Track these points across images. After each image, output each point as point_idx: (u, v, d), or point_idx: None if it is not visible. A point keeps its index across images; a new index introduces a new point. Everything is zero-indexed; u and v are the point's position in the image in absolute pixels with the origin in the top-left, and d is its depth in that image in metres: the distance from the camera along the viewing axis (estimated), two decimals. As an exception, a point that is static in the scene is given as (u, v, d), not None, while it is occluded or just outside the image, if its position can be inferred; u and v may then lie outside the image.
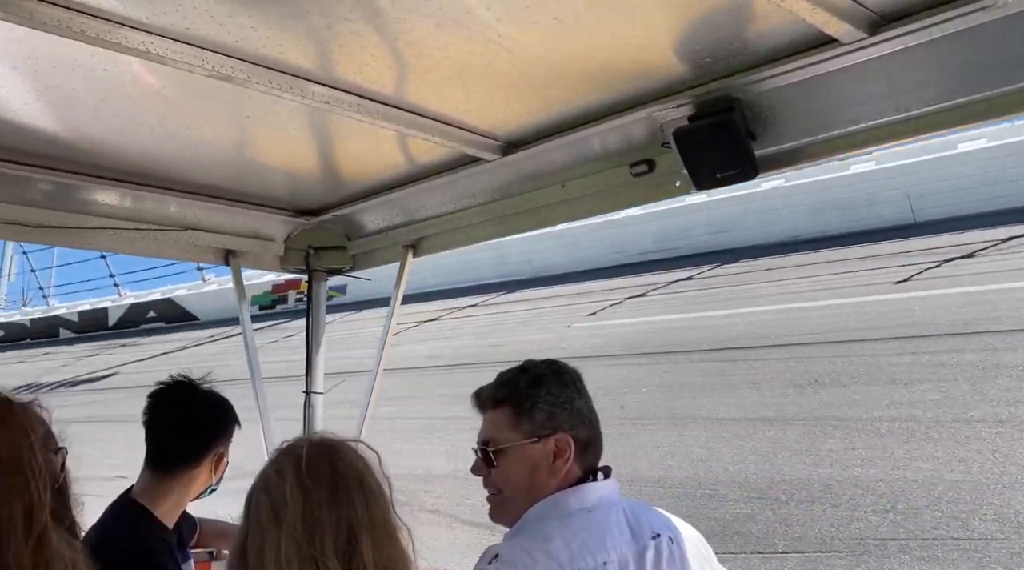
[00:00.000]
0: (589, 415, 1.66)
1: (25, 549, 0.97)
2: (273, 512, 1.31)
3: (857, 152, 1.88)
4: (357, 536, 1.30)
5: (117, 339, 26.96)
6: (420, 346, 14.61)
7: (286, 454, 1.39)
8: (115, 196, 2.55)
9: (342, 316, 19.46)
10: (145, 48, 1.57)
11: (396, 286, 3.07)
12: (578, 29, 1.63)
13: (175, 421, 2.17)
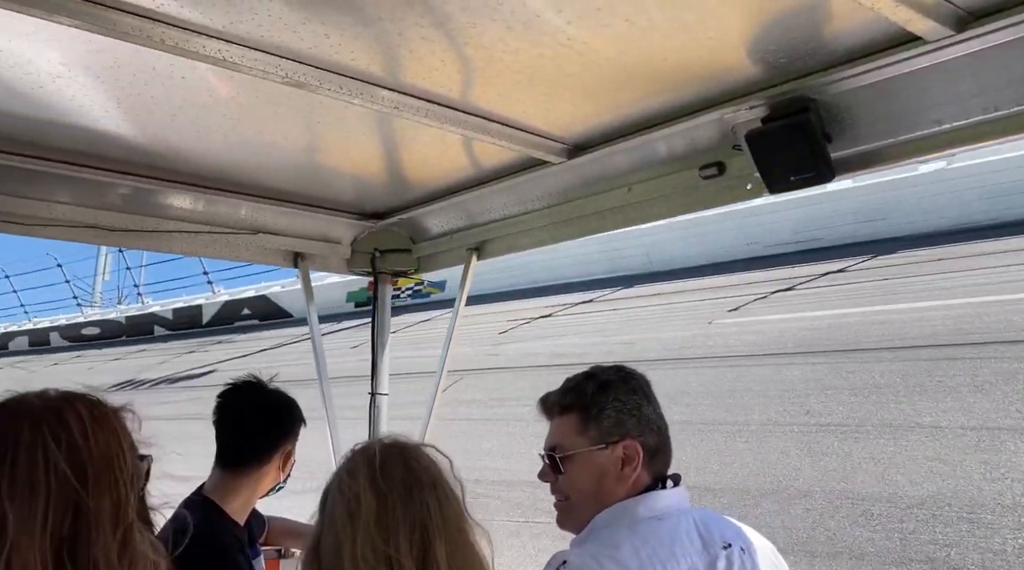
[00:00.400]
0: (657, 421, 1.64)
1: (112, 543, 1.00)
2: (347, 512, 1.32)
3: (940, 154, 1.81)
4: (431, 537, 1.31)
5: (212, 336, 26.81)
6: (538, 343, 13.83)
7: (360, 455, 1.41)
8: (190, 200, 2.61)
9: (442, 313, 19.21)
10: (221, 56, 1.60)
11: (460, 288, 3.08)
12: (650, 31, 1.60)
13: (244, 419, 2.23)
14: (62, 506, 0.99)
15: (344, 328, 19.60)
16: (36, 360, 30.39)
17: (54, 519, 0.97)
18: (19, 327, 36.69)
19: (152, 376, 20.64)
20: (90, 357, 28.32)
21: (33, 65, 1.68)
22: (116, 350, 28.61)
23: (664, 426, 1.65)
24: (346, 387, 12.75)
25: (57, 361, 28.77)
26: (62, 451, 1.01)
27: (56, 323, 34.98)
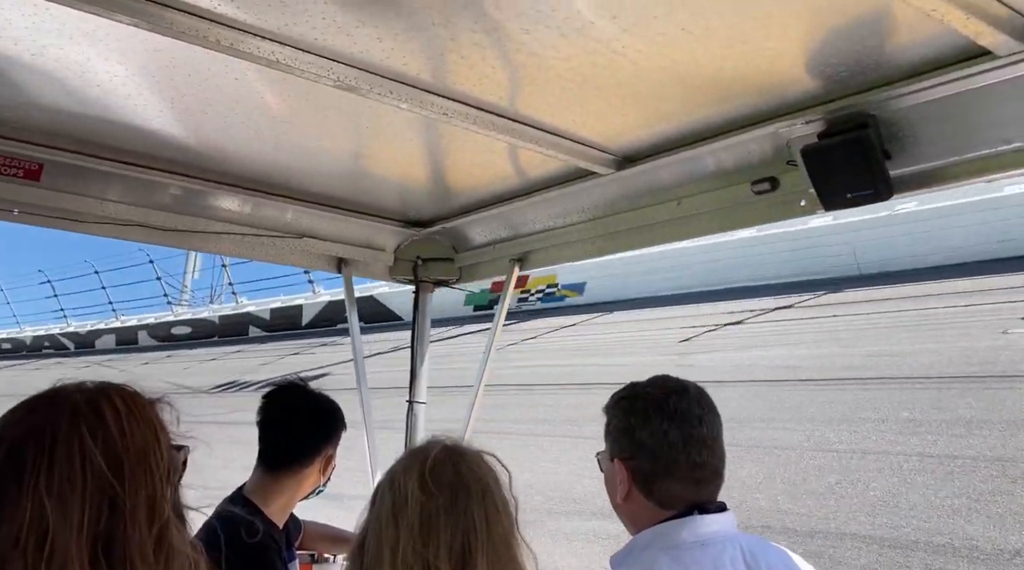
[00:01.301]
0: (657, 447, 1.53)
1: (148, 539, 0.99)
2: (394, 510, 1.31)
3: (1008, 174, 1.73)
4: (472, 548, 1.28)
5: (313, 338, 25.63)
6: (745, 354, 12.06)
7: (415, 454, 1.39)
8: (237, 202, 2.64)
9: (587, 318, 18.39)
10: (275, 58, 1.61)
11: (502, 299, 3.06)
12: (707, 39, 1.57)
13: (290, 421, 2.25)
14: (97, 501, 0.97)
15: (467, 332, 19.12)
16: (124, 359, 30.07)
17: (90, 515, 0.96)
18: (106, 325, 36.53)
19: (257, 378, 19.65)
20: (182, 357, 27.91)
21: (91, 63, 1.70)
22: (209, 350, 27.95)
23: (671, 453, 1.52)
24: (500, 396, 10.84)
25: (148, 360, 28.34)
26: (98, 445, 1.00)
27: (144, 321, 34.74)
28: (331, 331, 25.55)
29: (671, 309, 16.98)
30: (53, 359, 34.59)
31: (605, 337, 16.03)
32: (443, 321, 20.47)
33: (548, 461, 9.08)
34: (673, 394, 1.57)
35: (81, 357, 33.02)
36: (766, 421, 8.89)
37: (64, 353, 36.53)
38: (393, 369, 15.21)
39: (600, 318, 18.37)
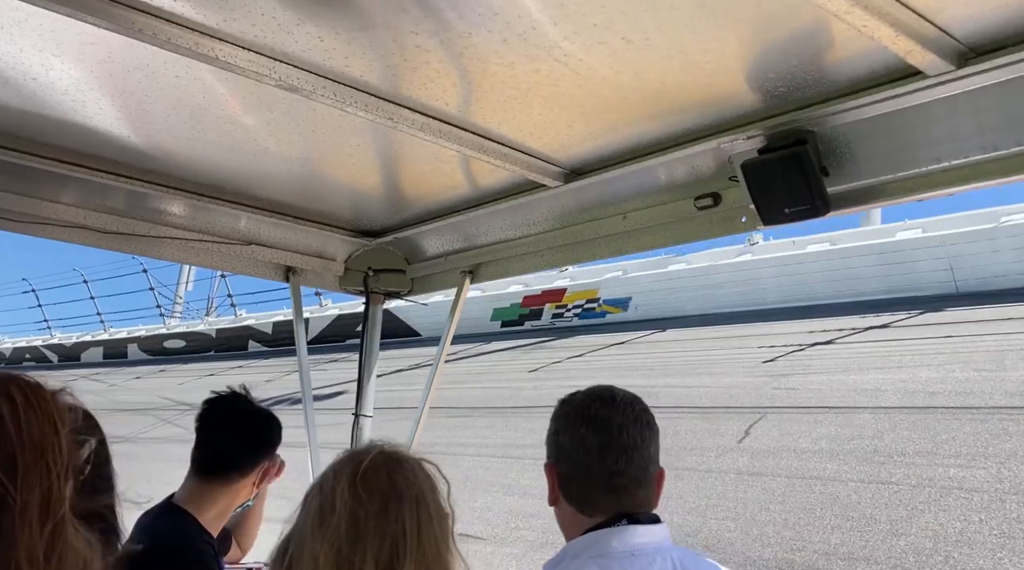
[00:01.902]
0: (574, 452, 1.54)
1: (40, 540, 0.94)
2: (321, 513, 1.28)
3: (939, 193, 1.77)
4: (401, 557, 1.25)
5: (320, 354, 23.72)
6: (855, 377, 10.74)
7: (350, 458, 1.36)
8: (182, 206, 2.59)
9: (637, 336, 16.99)
10: (215, 54, 1.59)
11: (451, 313, 3.04)
12: (647, 51, 1.58)
13: (234, 427, 2.20)
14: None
15: (497, 349, 18.20)
16: (113, 373, 28.60)
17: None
18: (93, 337, 34.55)
19: (263, 395, 17.95)
20: (176, 372, 26.23)
21: (24, 55, 1.66)
22: (206, 365, 25.90)
23: (588, 459, 1.52)
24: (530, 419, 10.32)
25: (140, 374, 26.77)
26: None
27: (135, 334, 32.81)
28: (340, 347, 23.57)
29: (737, 328, 15.65)
30: (35, 372, 33.30)
31: (670, 357, 14.90)
32: (469, 337, 19.50)
33: (677, 497, 7.71)
34: (597, 400, 1.58)
35: (66, 370, 31.26)
36: (933, 455, 7.76)
37: (46, 366, 34.60)
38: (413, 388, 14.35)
39: (653, 336, 16.99)
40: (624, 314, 19.06)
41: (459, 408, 12.99)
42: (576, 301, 20.39)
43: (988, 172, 1.67)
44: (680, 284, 18.33)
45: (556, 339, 18.59)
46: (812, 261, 16.32)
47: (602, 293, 19.89)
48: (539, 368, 15.28)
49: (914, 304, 14.23)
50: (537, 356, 16.99)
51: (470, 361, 18.08)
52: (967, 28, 1.48)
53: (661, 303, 18.62)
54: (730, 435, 9.37)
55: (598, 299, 19.96)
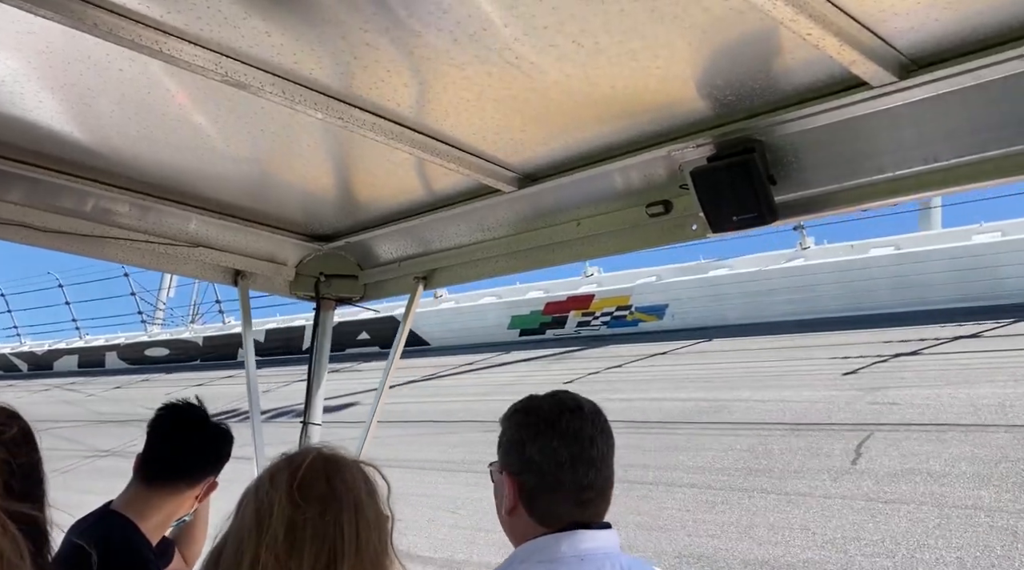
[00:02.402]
0: (544, 464, 1.50)
1: None
2: (257, 518, 1.24)
3: (883, 203, 1.81)
4: (339, 563, 1.23)
5: None
6: (969, 391, 9.74)
7: (287, 462, 1.33)
8: (127, 206, 2.53)
9: (678, 346, 15.75)
10: (158, 47, 1.55)
11: (404, 320, 3.01)
12: (597, 55, 1.59)
13: (188, 435, 2.16)
14: None
15: (517, 360, 16.83)
16: (89, 383, 26.77)
17: None
18: (67, 345, 32.37)
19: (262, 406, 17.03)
20: (162, 381, 24.42)
21: (-42, 42, 1.61)
22: (193, 375, 24.08)
23: (558, 471, 1.50)
24: (625, 435, 9.35)
25: (120, 384, 24.78)
26: None
27: (113, 342, 30.59)
28: (340, 356, 21.65)
29: (794, 337, 14.43)
30: (2, 382, 30.79)
31: (727, 368, 13.71)
32: (487, 346, 18.64)
33: (800, 527, 6.96)
34: (567, 411, 1.54)
35: (37, 380, 29.54)
36: None
37: (15, 375, 32.69)
38: (426, 400, 13.85)
39: (698, 346, 15.68)
40: (659, 323, 17.43)
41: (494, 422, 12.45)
42: (605, 308, 18.62)
43: (928, 183, 1.71)
44: (722, 291, 16.88)
45: (583, 349, 17.24)
46: (876, 267, 14.89)
47: (634, 300, 18.14)
48: (574, 379, 13.86)
49: (997, 313, 12.95)
50: (567, 367, 15.75)
51: (492, 372, 16.88)
52: (909, 40, 1.51)
53: (701, 311, 17.09)
54: (837, 455, 8.51)
55: (630, 306, 18.19)
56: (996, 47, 1.48)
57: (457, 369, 17.81)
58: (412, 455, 10.73)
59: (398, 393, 15.54)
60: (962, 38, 1.50)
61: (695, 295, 17.30)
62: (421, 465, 10.40)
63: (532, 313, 19.29)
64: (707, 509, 7.69)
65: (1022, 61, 1.47)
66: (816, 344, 13.78)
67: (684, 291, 17.45)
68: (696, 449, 9.52)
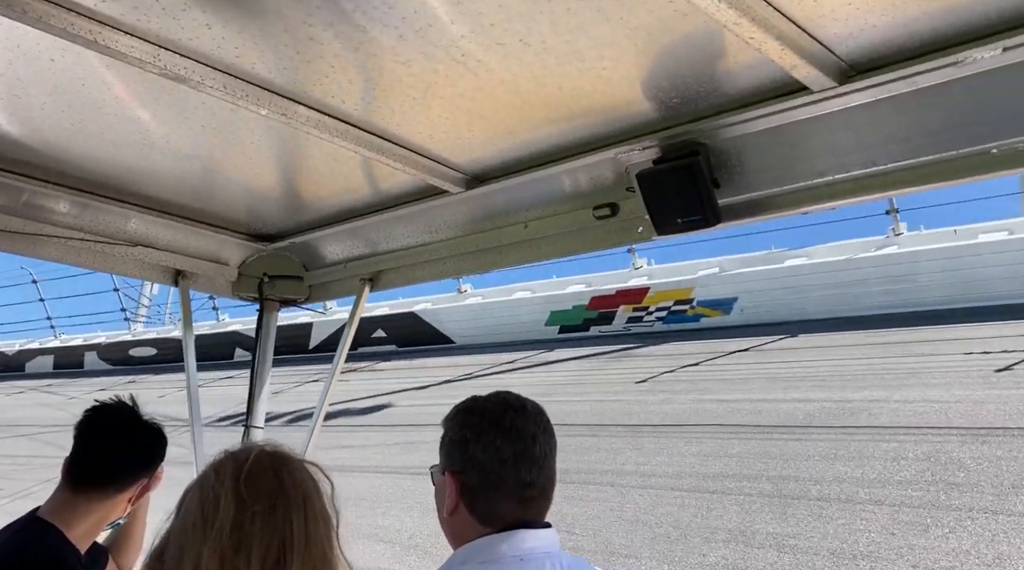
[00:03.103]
0: (487, 462, 1.50)
1: None
2: (203, 515, 1.22)
3: (823, 206, 1.84)
4: (288, 559, 1.21)
5: (324, 363, 19.93)
6: None
7: (232, 458, 1.30)
8: (62, 203, 2.45)
9: (760, 342, 14.18)
10: (92, 38, 1.50)
11: (349, 323, 2.97)
12: (544, 54, 1.59)
13: (119, 437, 2.09)
14: None
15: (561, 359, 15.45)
16: (68, 384, 24.82)
17: None
18: (41, 345, 30.16)
19: (280, 409, 14.98)
20: (150, 383, 22.31)
21: None
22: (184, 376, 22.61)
23: (502, 470, 1.49)
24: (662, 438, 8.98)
25: (104, 386, 21.15)
26: None
27: (93, 341, 28.43)
28: (352, 355, 20.92)
29: (900, 332, 12.89)
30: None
31: (835, 366, 12.15)
32: (520, 345, 17.32)
33: None
34: (511, 410, 1.54)
35: (7, 382, 27.35)
36: None
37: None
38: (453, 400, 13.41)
39: (783, 342, 14.08)
40: (724, 318, 15.75)
41: (587, 425, 10.87)
42: (661, 303, 16.79)
43: (867, 187, 1.75)
44: (801, 282, 15.14)
45: (641, 346, 15.82)
46: (988, 254, 13.32)
47: (697, 293, 16.36)
48: (647, 378, 12.96)
49: None
50: (629, 365, 14.55)
51: (537, 372, 15.43)
52: (848, 46, 1.54)
53: (776, 304, 15.31)
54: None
55: (691, 300, 16.47)
56: (930, 54, 1.52)
57: (493, 368, 16.20)
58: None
59: (434, 394, 14.37)
60: (899, 44, 1.54)
61: (769, 287, 15.42)
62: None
63: (575, 308, 17.46)
64: (919, 532, 6.28)
65: (955, 68, 1.51)
66: (936, 339, 12.18)
67: (756, 283, 15.54)
68: (857, 458, 8.13)
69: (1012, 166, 1.57)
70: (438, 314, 20.04)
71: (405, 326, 20.46)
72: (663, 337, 16.24)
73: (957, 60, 1.49)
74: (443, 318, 19.85)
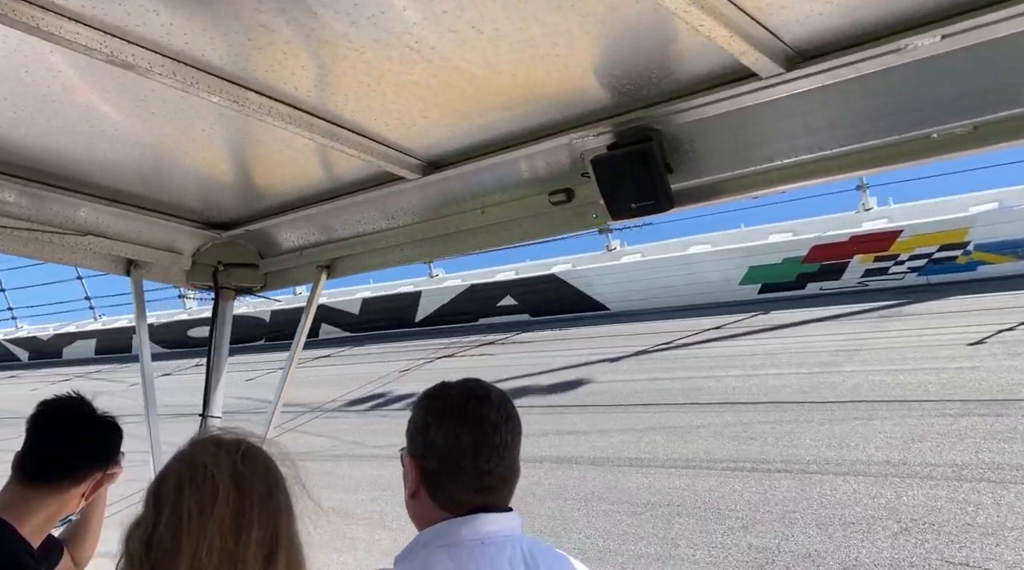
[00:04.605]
0: (447, 449, 1.51)
1: None
2: (199, 505, 1.22)
3: (772, 190, 1.89)
4: (278, 542, 1.25)
5: (434, 339, 17.39)
6: None
7: (223, 450, 1.31)
8: (6, 192, 2.39)
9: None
10: (35, 23, 1.47)
11: (306, 311, 2.95)
12: (498, 41, 1.59)
13: (70, 429, 2.07)
14: None
15: (768, 328, 12.81)
16: (119, 370, 22.35)
17: None
18: (77, 328, 27.74)
19: (397, 389, 13.34)
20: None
21: None
22: (260, 357, 18.19)
23: (456, 455, 1.51)
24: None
25: (167, 370, 19.61)
26: None
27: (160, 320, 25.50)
28: (474, 328, 17.36)
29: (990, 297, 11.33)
30: None
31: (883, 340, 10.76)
32: (712, 308, 14.82)
33: None
34: (475, 398, 1.56)
35: (45, 369, 24.99)
36: None
37: (14, 364, 28.11)
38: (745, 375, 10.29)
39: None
40: (1016, 264, 12.70)
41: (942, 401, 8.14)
42: (919, 248, 13.59)
43: (813, 172, 1.80)
44: None
45: (910, 303, 12.70)
46: None
47: (973, 235, 13.17)
48: (981, 340, 9.96)
49: None
50: (913, 326, 11.47)
51: (772, 337, 12.52)
52: (794, 33, 1.58)
53: None
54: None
55: (965, 244, 13.25)
56: (873, 41, 1.56)
57: (690, 335, 13.42)
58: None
59: (634, 367, 12.22)
60: (843, 31, 1.58)
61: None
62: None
63: (786, 262, 14.48)
64: None
65: (896, 55, 1.56)
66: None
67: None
68: None
69: (950, 150, 1.63)
70: (588, 276, 16.90)
71: (543, 291, 17.49)
72: (918, 292, 13.17)
73: (898, 47, 1.54)
74: (594, 282, 16.84)
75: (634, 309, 16.35)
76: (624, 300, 16.64)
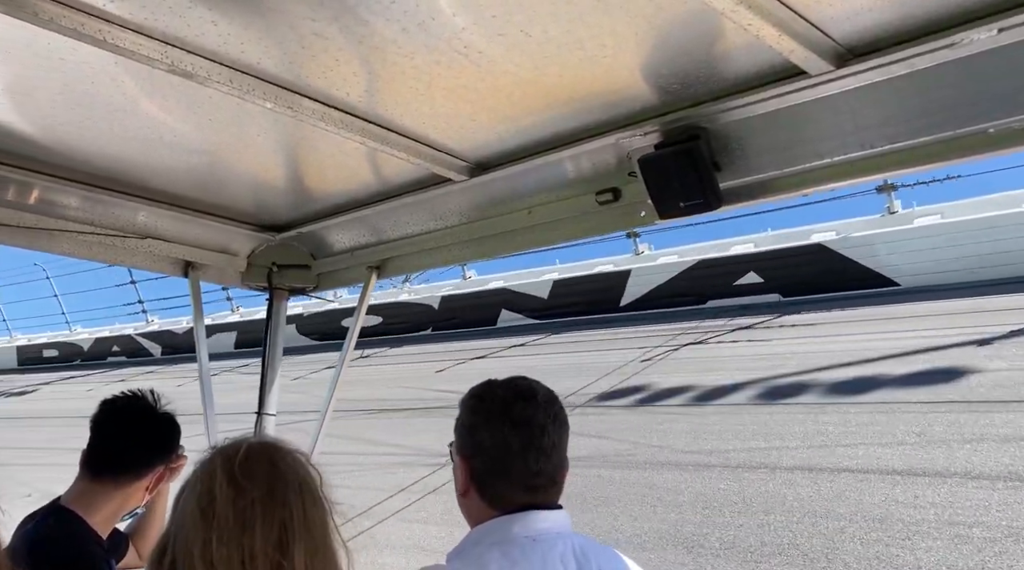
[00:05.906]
0: (495, 450, 1.54)
1: None
2: (200, 508, 1.25)
3: (822, 188, 1.87)
4: (290, 538, 1.25)
5: (640, 326, 15.16)
6: None
7: (219, 452, 1.34)
8: (73, 198, 2.49)
9: None
10: (102, 37, 1.53)
11: (358, 310, 3.00)
12: (546, 44, 1.61)
13: (134, 425, 2.15)
14: None
15: None
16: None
17: None
18: (212, 321, 25.20)
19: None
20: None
21: None
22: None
23: (508, 457, 1.52)
24: None
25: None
26: None
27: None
28: (697, 313, 14.82)
29: None
30: (136, 368, 25.47)
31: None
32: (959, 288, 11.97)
33: None
34: (521, 399, 1.57)
35: (177, 364, 23.83)
36: None
37: (147, 360, 27.33)
38: None
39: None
40: None
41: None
42: None
43: (864, 169, 1.77)
44: None
45: None
46: None
47: None
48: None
49: None
50: None
51: None
52: (844, 30, 1.56)
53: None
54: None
55: None
56: (926, 36, 1.54)
57: None
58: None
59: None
60: (895, 27, 1.56)
61: None
62: None
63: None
64: None
65: (951, 50, 1.53)
66: None
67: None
68: None
69: (1008, 145, 1.59)
70: (872, 244, 13.44)
71: (802, 265, 14.22)
72: None
73: (953, 42, 1.51)
74: (880, 250, 13.41)
75: (940, 284, 12.69)
76: (925, 273, 13.05)
